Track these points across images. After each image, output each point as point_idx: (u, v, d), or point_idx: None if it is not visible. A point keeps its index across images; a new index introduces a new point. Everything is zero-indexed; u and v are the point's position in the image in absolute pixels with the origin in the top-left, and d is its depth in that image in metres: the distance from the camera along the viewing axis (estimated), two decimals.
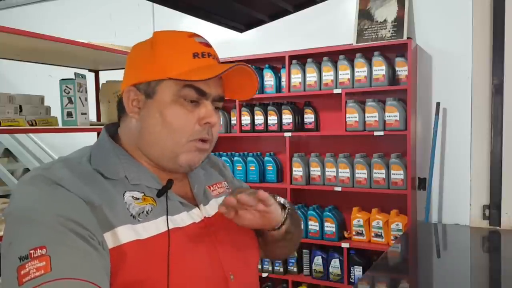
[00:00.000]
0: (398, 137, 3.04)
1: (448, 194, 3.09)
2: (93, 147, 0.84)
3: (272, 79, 3.43)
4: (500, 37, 2.45)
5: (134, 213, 0.76)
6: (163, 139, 0.80)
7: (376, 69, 3.03)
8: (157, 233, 0.77)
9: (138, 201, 0.78)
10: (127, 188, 0.79)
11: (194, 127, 0.81)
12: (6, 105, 1.88)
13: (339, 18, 3.33)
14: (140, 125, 0.82)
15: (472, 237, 2.50)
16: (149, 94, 0.81)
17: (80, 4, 4.31)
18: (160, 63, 0.81)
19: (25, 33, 1.72)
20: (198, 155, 0.84)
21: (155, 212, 0.79)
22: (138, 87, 0.82)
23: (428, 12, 3.08)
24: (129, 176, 0.80)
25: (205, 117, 0.82)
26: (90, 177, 0.76)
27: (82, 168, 0.77)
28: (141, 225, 0.75)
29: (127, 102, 0.83)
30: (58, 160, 0.79)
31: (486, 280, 1.91)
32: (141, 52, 0.85)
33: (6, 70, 4.49)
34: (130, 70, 0.86)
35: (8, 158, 4.64)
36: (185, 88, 0.80)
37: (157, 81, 0.80)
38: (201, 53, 0.82)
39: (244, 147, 3.70)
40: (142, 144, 0.83)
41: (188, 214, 0.84)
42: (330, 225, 3.21)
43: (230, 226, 0.89)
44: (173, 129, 0.80)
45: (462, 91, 2.92)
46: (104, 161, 0.80)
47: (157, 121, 0.80)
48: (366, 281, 1.86)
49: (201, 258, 0.81)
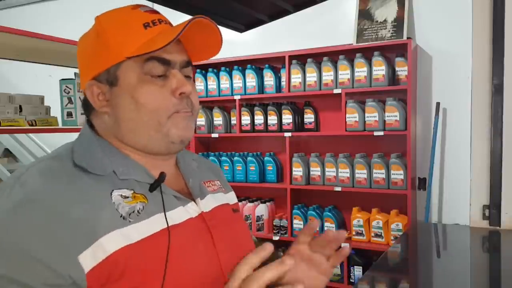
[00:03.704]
0: (398, 137, 3.04)
1: (448, 194, 3.09)
2: (75, 142, 0.77)
3: (272, 79, 3.43)
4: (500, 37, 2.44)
5: (124, 213, 0.69)
6: (144, 122, 0.74)
7: (376, 69, 3.03)
8: (152, 232, 0.70)
9: (127, 199, 0.71)
10: (115, 186, 0.72)
11: (171, 101, 0.75)
12: (6, 105, 1.89)
13: (339, 18, 3.33)
14: (114, 116, 0.76)
15: (472, 237, 2.50)
16: (112, 81, 0.74)
17: (80, 4, 4.31)
18: (113, 46, 0.73)
19: (25, 33, 1.72)
20: (186, 124, 0.77)
21: (147, 210, 0.72)
22: (98, 79, 0.75)
23: (428, 12, 3.08)
24: (117, 170, 0.73)
25: (178, 88, 0.75)
26: (71, 179, 0.69)
27: (62, 170, 0.70)
28: (132, 226, 0.69)
29: (93, 98, 0.76)
30: (35, 164, 0.71)
31: (486, 280, 1.91)
32: (89, 42, 0.78)
33: (6, 70, 4.49)
34: (84, 65, 0.79)
35: (8, 158, 4.64)
36: (147, 62, 0.73)
37: (115, 65, 0.74)
38: (152, 21, 0.75)
39: (244, 147, 3.70)
40: (124, 135, 0.76)
41: (184, 208, 0.78)
42: (330, 225, 3.21)
43: (228, 223, 0.85)
44: (150, 109, 0.73)
45: (462, 91, 2.92)
46: (88, 155, 0.73)
47: (131, 106, 0.74)
48: (366, 281, 1.86)
49: (199, 256, 0.76)
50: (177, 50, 0.77)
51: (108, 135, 0.78)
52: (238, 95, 3.52)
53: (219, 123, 3.68)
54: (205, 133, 3.72)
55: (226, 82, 3.58)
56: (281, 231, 3.41)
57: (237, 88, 3.53)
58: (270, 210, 3.53)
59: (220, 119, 3.67)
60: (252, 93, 3.48)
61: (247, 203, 3.54)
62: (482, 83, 2.49)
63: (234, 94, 3.54)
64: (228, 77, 3.57)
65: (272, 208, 3.56)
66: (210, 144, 3.93)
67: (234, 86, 3.55)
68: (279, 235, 3.41)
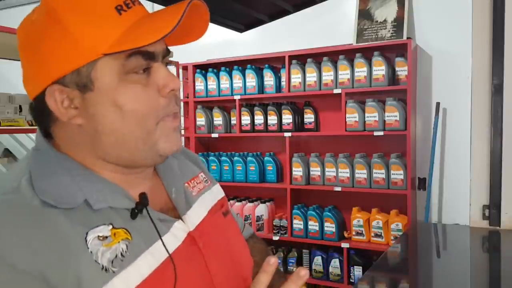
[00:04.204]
0: (398, 137, 3.04)
1: (448, 194, 3.09)
2: (32, 164, 0.61)
3: (272, 79, 3.43)
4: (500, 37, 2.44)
5: (105, 263, 0.56)
6: (131, 132, 0.60)
7: (376, 69, 3.03)
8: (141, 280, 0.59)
9: (106, 241, 0.57)
10: (90, 224, 0.58)
11: (158, 103, 0.61)
12: (6, 105, 1.89)
13: (339, 18, 3.33)
14: (91, 128, 0.60)
15: (472, 237, 2.50)
16: (85, 85, 0.59)
17: None
18: (81, 39, 0.57)
19: None
20: (176, 135, 0.66)
21: (132, 250, 0.59)
22: (62, 82, 0.59)
23: (428, 12, 3.08)
24: (90, 198, 0.59)
25: (165, 84, 0.62)
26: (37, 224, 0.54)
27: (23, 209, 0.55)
28: (117, 278, 0.56)
29: (56, 107, 0.59)
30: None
31: (486, 280, 1.91)
32: (41, 33, 0.59)
33: (6, 70, 4.49)
34: (36, 64, 0.60)
35: (8, 158, 4.64)
36: (130, 58, 0.59)
37: (87, 64, 0.58)
38: (124, 2, 0.59)
39: (244, 147, 3.70)
40: (106, 150, 0.62)
41: (171, 233, 0.66)
42: (330, 225, 3.21)
43: (219, 233, 0.76)
44: (138, 115, 0.60)
45: (462, 91, 2.92)
46: (52, 183, 0.58)
47: (114, 115, 0.59)
48: (366, 281, 1.86)
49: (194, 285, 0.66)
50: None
51: (75, 150, 0.63)
52: (238, 95, 3.52)
53: (219, 123, 3.68)
54: (205, 133, 3.72)
55: (226, 82, 3.58)
56: (281, 231, 3.41)
57: (237, 88, 3.53)
58: (270, 210, 3.53)
59: (220, 119, 3.67)
60: (252, 93, 3.49)
61: (247, 203, 3.54)
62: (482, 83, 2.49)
63: (234, 94, 3.54)
64: (228, 77, 3.57)
65: (272, 208, 3.56)
66: (210, 144, 3.93)
67: (234, 86, 3.55)
68: (279, 235, 3.41)
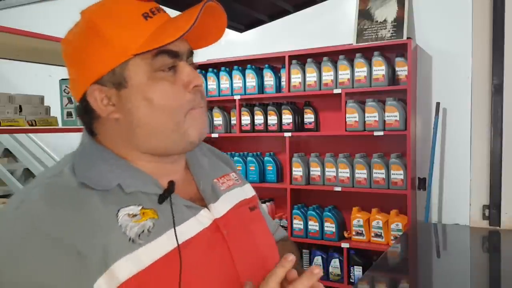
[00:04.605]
0: (398, 137, 3.04)
1: (448, 194, 3.09)
2: (76, 155, 0.71)
3: (272, 79, 3.43)
4: (500, 37, 2.44)
5: (133, 235, 0.64)
6: (163, 124, 0.69)
7: (376, 69, 3.03)
8: (164, 253, 0.66)
9: (136, 218, 0.66)
10: (121, 204, 0.66)
11: (185, 98, 0.70)
12: (6, 105, 1.89)
13: (339, 18, 3.33)
14: (127, 122, 0.69)
15: (472, 237, 2.50)
16: (120, 83, 0.68)
17: (80, 4, 4.29)
18: (115, 43, 0.67)
19: (25, 33, 1.72)
20: (203, 123, 0.74)
21: (158, 227, 0.67)
22: (100, 82, 0.68)
23: (428, 12, 3.08)
24: (123, 183, 0.68)
25: (190, 81, 0.70)
26: (75, 203, 0.64)
27: (66, 191, 0.65)
28: (142, 249, 0.64)
29: (97, 105, 0.69)
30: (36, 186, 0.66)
31: (486, 280, 1.91)
32: (82, 42, 0.70)
33: (6, 70, 4.49)
34: (78, 69, 0.71)
35: (8, 158, 4.64)
36: (156, 58, 0.67)
37: (120, 65, 0.67)
38: (150, 11, 0.69)
39: (244, 147, 3.70)
40: (141, 141, 0.70)
41: (196, 218, 0.72)
42: (330, 225, 3.21)
43: (244, 225, 0.80)
44: (167, 109, 0.68)
45: (462, 91, 2.92)
46: (91, 170, 0.67)
47: (146, 109, 0.68)
48: (366, 281, 1.86)
49: (215, 270, 0.71)
50: (181, 40, 0.70)
51: (114, 143, 0.72)
52: (238, 95, 3.52)
53: (219, 123, 3.68)
54: None
55: (226, 82, 3.58)
56: None
57: (237, 88, 3.53)
58: (270, 210, 3.53)
59: (220, 119, 3.67)
60: (252, 93, 3.48)
61: None
62: (482, 83, 2.49)
63: (234, 94, 3.54)
64: (228, 77, 3.57)
65: (272, 208, 3.56)
66: (210, 144, 3.92)
67: (234, 86, 3.55)
68: None
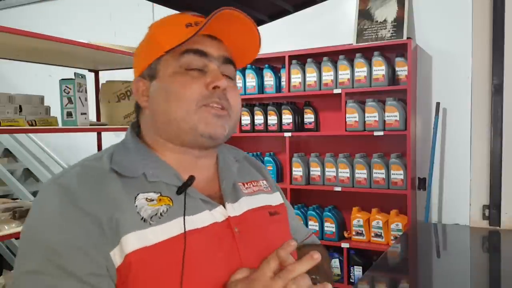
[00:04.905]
0: (398, 137, 3.04)
1: (448, 194, 3.09)
2: (118, 145, 0.81)
3: (272, 79, 3.43)
4: (500, 37, 2.44)
5: (146, 216, 0.70)
6: (174, 112, 0.74)
7: (376, 69, 3.03)
8: (170, 236, 0.70)
9: (152, 202, 0.72)
10: (142, 189, 0.73)
11: (201, 92, 0.75)
12: (6, 105, 1.88)
13: (339, 18, 3.33)
14: (152, 110, 0.78)
15: (472, 237, 2.50)
16: (153, 75, 0.78)
17: (80, 4, 4.31)
18: (155, 42, 0.78)
19: (25, 33, 1.72)
20: (216, 121, 0.76)
21: (171, 213, 0.72)
22: (142, 75, 0.80)
23: (428, 12, 3.08)
24: (147, 172, 0.75)
25: (212, 81, 0.75)
26: (102, 182, 0.72)
27: (97, 172, 0.73)
28: (152, 229, 0.69)
29: (137, 94, 0.80)
30: (77, 164, 0.76)
31: (486, 280, 1.91)
32: (142, 44, 0.83)
33: (6, 70, 4.49)
34: (135, 66, 0.83)
35: (8, 158, 4.64)
36: (183, 55, 0.76)
37: (156, 60, 0.77)
38: (194, 22, 0.77)
39: (244, 147, 3.68)
40: (160, 130, 0.78)
41: (210, 213, 0.76)
42: (330, 225, 3.21)
43: (260, 227, 0.82)
44: (178, 97, 0.74)
45: (462, 91, 2.92)
46: (124, 159, 0.76)
47: (163, 97, 0.76)
48: (366, 281, 1.86)
49: (218, 262, 0.73)
50: (214, 45, 0.78)
51: (147, 132, 0.81)
52: None
53: None
54: None
55: None
56: None
57: None
58: None
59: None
60: (252, 93, 3.48)
61: None
62: (482, 83, 2.49)
63: None
64: None
65: None
66: None
67: None
68: None
